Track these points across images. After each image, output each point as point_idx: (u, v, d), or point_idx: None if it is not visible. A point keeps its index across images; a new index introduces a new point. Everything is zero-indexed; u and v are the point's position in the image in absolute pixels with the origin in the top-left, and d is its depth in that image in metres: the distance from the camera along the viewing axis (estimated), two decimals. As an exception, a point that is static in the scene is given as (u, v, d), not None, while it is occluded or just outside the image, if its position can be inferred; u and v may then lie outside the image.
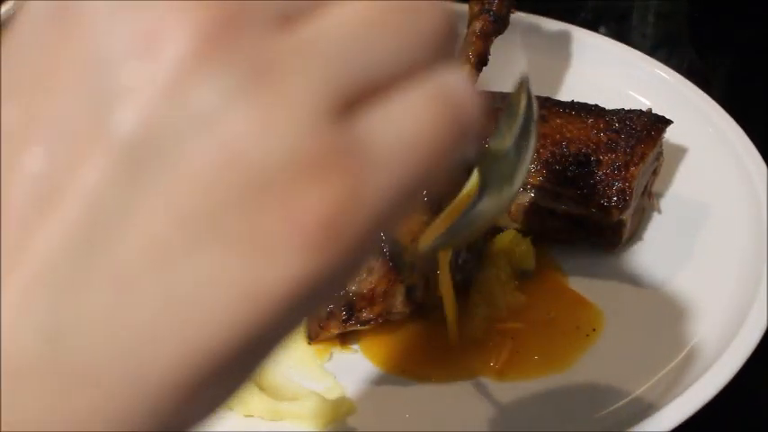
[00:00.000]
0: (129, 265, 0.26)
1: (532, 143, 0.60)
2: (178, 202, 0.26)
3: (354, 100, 0.28)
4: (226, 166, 0.26)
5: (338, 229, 0.27)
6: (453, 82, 0.29)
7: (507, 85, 1.05)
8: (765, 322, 0.81)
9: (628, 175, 0.90)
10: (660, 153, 0.97)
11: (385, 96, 0.28)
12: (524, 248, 0.94)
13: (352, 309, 0.84)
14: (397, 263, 0.84)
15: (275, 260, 0.26)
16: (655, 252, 0.95)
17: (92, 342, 0.25)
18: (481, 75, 0.96)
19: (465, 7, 1.05)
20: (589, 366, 0.85)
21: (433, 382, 0.84)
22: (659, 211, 0.99)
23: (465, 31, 1.01)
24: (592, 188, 0.91)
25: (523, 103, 0.59)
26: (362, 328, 0.86)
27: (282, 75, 0.27)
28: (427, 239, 0.63)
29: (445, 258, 0.82)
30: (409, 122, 0.28)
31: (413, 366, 0.86)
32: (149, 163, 0.26)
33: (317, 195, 0.26)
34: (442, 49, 0.30)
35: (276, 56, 0.27)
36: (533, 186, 0.93)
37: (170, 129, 0.26)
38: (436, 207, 0.83)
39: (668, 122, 0.96)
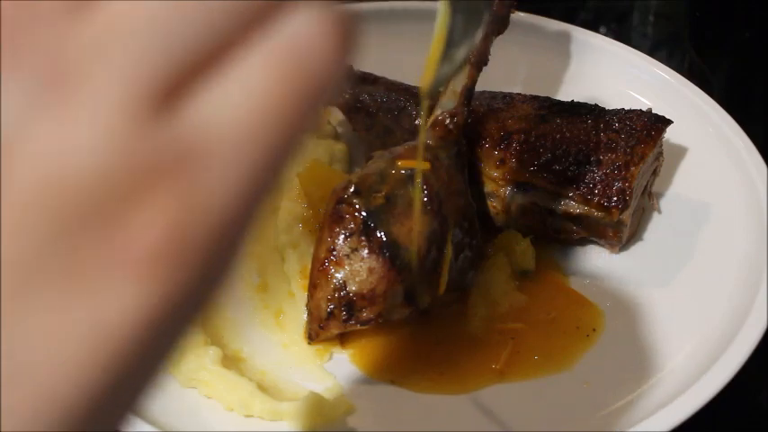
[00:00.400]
0: None
1: None
2: None
3: (177, 84, 0.23)
4: (37, 196, 0.22)
5: (175, 251, 0.23)
6: (299, 28, 0.24)
7: (507, 85, 1.06)
8: (765, 322, 0.81)
9: (628, 175, 0.90)
10: (660, 153, 0.97)
11: (216, 70, 0.23)
12: (524, 248, 0.94)
13: (352, 309, 0.84)
14: (396, 263, 0.84)
15: (113, 296, 0.23)
16: (655, 252, 0.95)
17: None
18: (481, 75, 0.96)
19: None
20: (589, 366, 0.85)
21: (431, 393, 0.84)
22: (659, 211, 0.99)
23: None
24: (592, 188, 0.91)
25: None
26: (362, 327, 0.86)
27: (83, 73, 0.22)
28: (427, 78, 0.62)
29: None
30: (248, 95, 0.23)
31: (409, 377, 0.85)
32: None
33: (143, 219, 0.22)
34: None
35: (73, 51, 0.22)
36: (533, 186, 0.93)
37: None
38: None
39: (668, 122, 0.96)
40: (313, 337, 0.87)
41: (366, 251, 0.84)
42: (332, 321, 0.85)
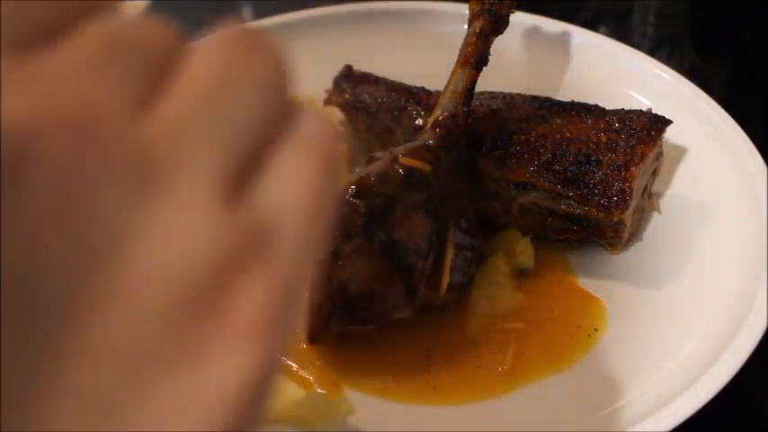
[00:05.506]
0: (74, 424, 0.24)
1: None
2: (110, 347, 0.24)
3: (242, 174, 0.28)
4: (150, 289, 0.25)
5: (274, 315, 0.27)
6: (310, 125, 0.30)
7: (507, 86, 1.06)
8: (765, 322, 0.81)
9: (628, 175, 0.90)
10: (660, 153, 0.97)
11: (265, 160, 0.28)
12: (524, 247, 0.94)
13: (352, 309, 0.84)
14: (397, 263, 0.84)
15: (229, 362, 0.26)
16: (655, 252, 0.95)
17: None
18: (481, 75, 0.96)
19: (465, 7, 1.05)
20: (590, 366, 0.85)
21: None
22: (659, 211, 0.99)
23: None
24: (592, 188, 0.91)
25: None
26: (362, 327, 0.86)
27: (166, 167, 0.25)
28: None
29: None
30: (296, 181, 0.29)
31: (406, 387, 0.85)
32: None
33: (246, 294, 0.26)
34: (283, 91, 0.29)
35: (150, 146, 0.25)
36: (533, 186, 0.93)
37: (64, 262, 0.24)
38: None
39: (668, 122, 0.96)
40: (313, 337, 0.87)
41: (367, 252, 0.84)
42: (332, 321, 0.85)
